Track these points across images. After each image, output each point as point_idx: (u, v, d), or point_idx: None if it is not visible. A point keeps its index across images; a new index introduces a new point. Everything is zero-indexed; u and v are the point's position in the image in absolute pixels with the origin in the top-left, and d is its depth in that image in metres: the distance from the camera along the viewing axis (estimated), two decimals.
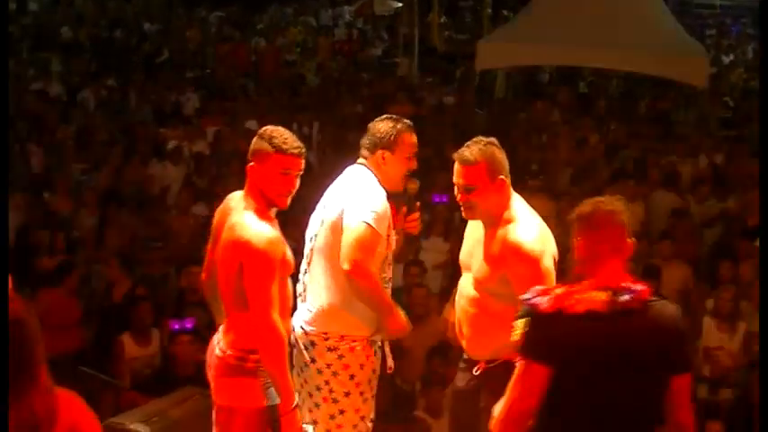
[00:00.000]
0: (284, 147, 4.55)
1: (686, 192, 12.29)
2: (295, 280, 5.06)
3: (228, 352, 4.61)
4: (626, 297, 3.79)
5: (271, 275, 4.43)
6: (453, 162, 5.05)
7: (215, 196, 11.36)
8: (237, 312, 4.57)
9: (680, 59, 16.00)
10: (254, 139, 4.65)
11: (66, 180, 12.05)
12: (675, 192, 12.18)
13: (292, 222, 6.29)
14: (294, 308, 5.06)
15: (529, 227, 4.77)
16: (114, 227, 10.73)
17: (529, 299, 3.87)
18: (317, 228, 5.15)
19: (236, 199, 4.71)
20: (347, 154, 12.86)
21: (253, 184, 4.59)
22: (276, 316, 4.44)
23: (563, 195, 11.77)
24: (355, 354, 5.07)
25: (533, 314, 3.82)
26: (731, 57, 23.73)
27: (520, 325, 3.90)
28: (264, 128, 4.69)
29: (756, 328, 9.04)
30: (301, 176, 4.66)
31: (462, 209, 4.91)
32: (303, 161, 4.62)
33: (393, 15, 24.20)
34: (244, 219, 4.51)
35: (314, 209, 5.29)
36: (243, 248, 4.44)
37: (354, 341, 5.06)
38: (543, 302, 3.82)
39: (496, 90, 19.12)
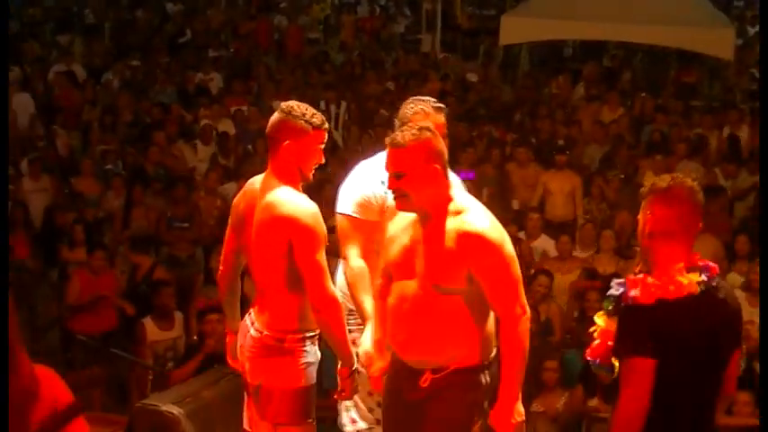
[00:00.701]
0: (317, 122, 4.57)
1: (714, 164, 12.21)
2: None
3: (266, 332, 4.60)
4: (707, 274, 3.78)
5: (321, 247, 4.46)
6: (479, 138, 4.97)
7: (241, 176, 11.41)
8: (276, 292, 4.57)
9: (706, 31, 15.88)
10: (280, 117, 4.58)
11: (91, 162, 12.08)
12: (702, 164, 12.12)
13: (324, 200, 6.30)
14: None
15: (482, 214, 4.36)
16: (140, 208, 10.76)
17: (621, 293, 3.76)
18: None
19: (259, 182, 4.68)
20: (374, 132, 13.01)
21: (288, 162, 4.55)
22: (331, 285, 4.50)
23: (592, 171, 11.73)
24: None
25: (633, 308, 3.71)
26: (756, 28, 23.51)
27: (602, 323, 3.88)
28: (287, 104, 4.65)
29: None
30: (329, 155, 4.73)
31: (394, 198, 4.42)
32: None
33: None
34: (283, 196, 4.51)
35: (340, 186, 5.21)
36: (291, 225, 4.45)
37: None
38: (639, 294, 3.70)
39: (521, 65, 19.04)
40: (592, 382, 7.68)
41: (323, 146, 4.65)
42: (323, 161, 4.69)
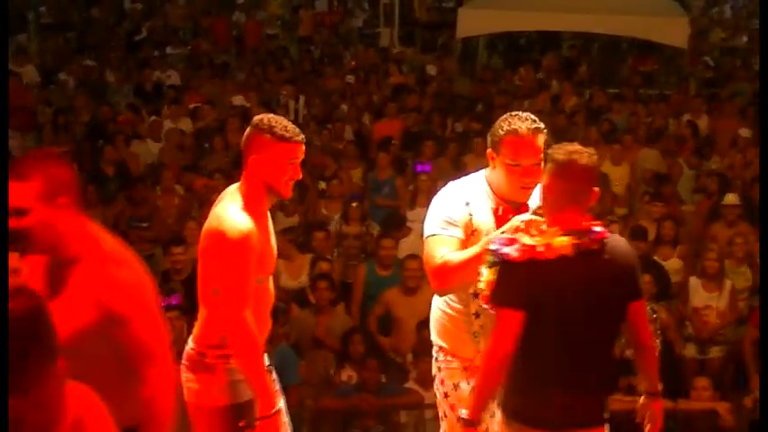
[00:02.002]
0: (287, 135, 4.31)
1: (672, 152, 12.30)
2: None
3: (192, 346, 4.43)
4: (587, 239, 3.99)
5: (243, 270, 4.19)
6: (440, 131, 4.93)
7: (199, 174, 11.39)
8: (204, 306, 4.40)
9: (660, 21, 16.01)
10: (250, 131, 4.36)
11: None
12: (661, 151, 12.21)
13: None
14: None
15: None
16: (96, 208, 10.70)
17: (497, 249, 3.99)
18: None
19: (228, 191, 4.48)
20: (334, 127, 13.03)
21: (253, 176, 4.35)
22: (248, 314, 4.20)
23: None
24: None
25: (506, 264, 3.97)
26: (709, 16, 23.74)
27: (485, 274, 4.06)
28: (259, 117, 4.42)
29: (740, 286, 9.15)
30: None
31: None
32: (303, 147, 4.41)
33: None
34: (224, 210, 4.30)
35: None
36: (217, 240, 4.22)
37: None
38: (513, 252, 3.95)
39: (479, 57, 19.11)
40: None
41: (298, 160, 4.38)
42: (299, 176, 4.41)
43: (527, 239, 3.98)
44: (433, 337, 4.75)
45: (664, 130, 13.19)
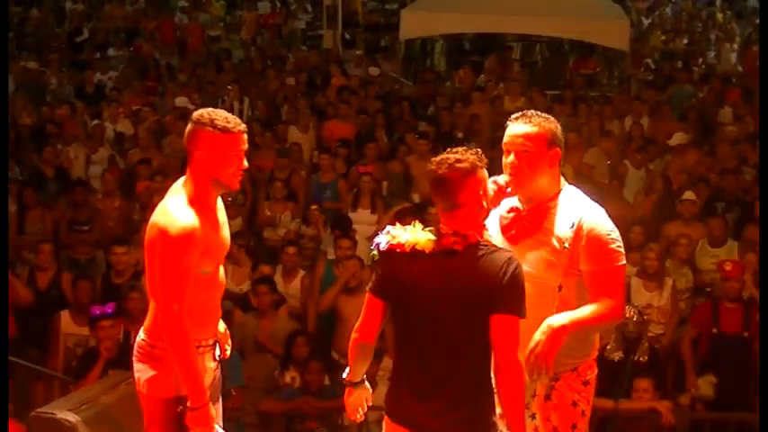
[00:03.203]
0: (229, 126, 4.35)
1: (619, 154, 12.36)
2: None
3: (143, 337, 4.46)
4: (450, 240, 4.03)
5: (178, 265, 4.23)
6: (383, 133, 4.94)
7: (139, 176, 11.30)
8: (152, 297, 4.41)
9: (602, 23, 16.17)
10: (192, 126, 4.39)
11: None
12: (605, 152, 12.30)
13: None
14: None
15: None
16: (35, 212, 10.59)
17: (377, 239, 4.18)
18: None
19: (176, 185, 4.49)
20: (278, 129, 12.99)
21: (198, 172, 4.38)
22: (177, 308, 4.22)
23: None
24: None
25: (379, 252, 4.15)
26: (650, 19, 23.98)
27: (370, 260, 4.29)
28: (198, 113, 4.44)
29: (681, 286, 9.24)
30: None
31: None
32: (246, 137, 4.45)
33: None
34: (166, 205, 4.35)
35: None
36: (157, 234, 4.27)
37: None
38: (383, 242, 4.12)
39: (423, 59, 19.17)
40: None
41: (242, 150, 4.41)
42: (245, 166, 4.44)
43: (398, 232, 4.11)
44: None
45: (608, 132, 13.28)
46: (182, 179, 4.47)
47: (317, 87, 16.32)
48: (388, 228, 4.18)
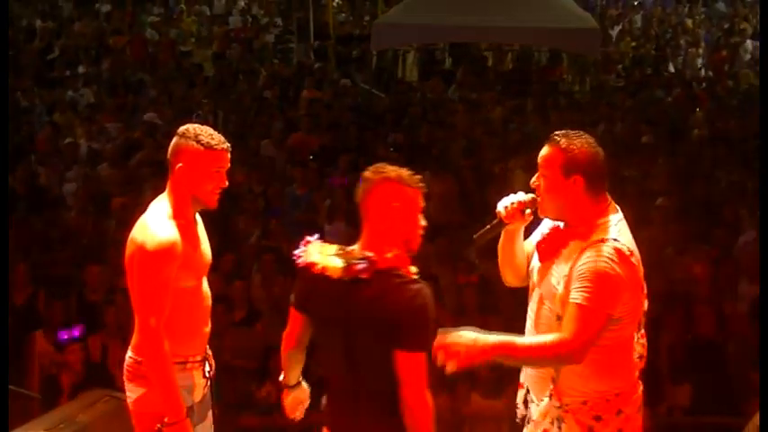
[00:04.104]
0: (213, 142, 4.37)
1: None
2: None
3: (130, 355, 4.49)
4: (360, 266, 3.95)
5: (156, 279, 4.25)
6: (356, 144, 4.92)
7: (114, 193, 11.28)
8: (136, 313, 4.42)
9: (573, 31, 16.22)
10: (176, 140, 4.42)
11: None
12: None
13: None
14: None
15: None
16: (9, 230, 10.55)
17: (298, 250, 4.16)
18: None
19: (153, 202, 4.52)
20: (251, 143, 12.97)
21: (178, 186, 4.41)
22: (154, 322, 4.24)
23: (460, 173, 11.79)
24: None
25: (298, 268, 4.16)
26: (620, 26, 24.11)
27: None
28: (184, 127, 4.47)
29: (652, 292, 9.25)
30: None
31: None
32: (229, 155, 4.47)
33: (287, 0, 24.10)
34: (145, 219, 4.37)
35: None
36: (135, 249, 4.31)
37: None
38: (300, 256, 4.13)
39: (395, 70, 19.20)
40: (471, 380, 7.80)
41: (224, 169, 4.44)
42: (225, 184, 4.46)
43: (313, 250, 4.10)
44: None
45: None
46: (161, 195, 4.48)
47: (289, 100, 16.32)
48: (309, 241, 4.16)
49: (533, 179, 4.21)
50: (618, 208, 4.21)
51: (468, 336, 3.94)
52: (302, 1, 20.63)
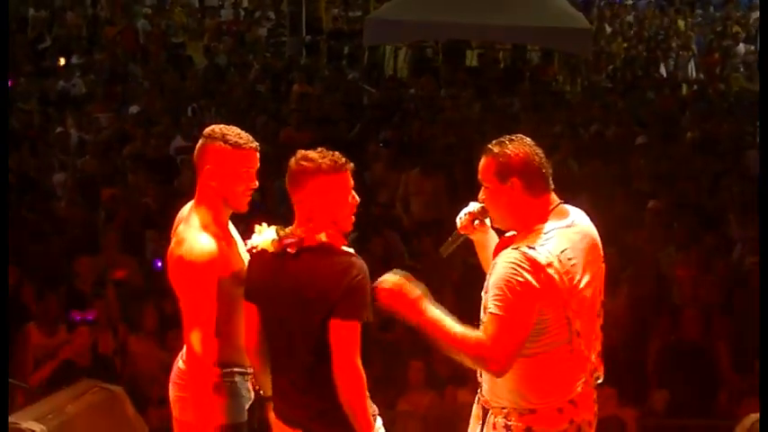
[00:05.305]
0: (241, 142, 4.28)
1: (585, 159, 12.42)
2: None
3: (181, 366, 4.38)
4: (285, 240, 4.05)
5: (203, 295, 4.18)
6: (346, 140, 4.87)
7: (107, 184, 11.26)
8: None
9: (565, 31, 16.26)
10: (202, 141, 4.32)
11: None
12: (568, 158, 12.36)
13: None
14: None
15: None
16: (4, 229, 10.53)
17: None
18: None
19: (186, 209, 4.41)
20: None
21: (208, 190, 4.31)
22: (198, 336, 4.19)
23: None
24: None
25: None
26: (612, 27, 24.18)
27: None
28: (210, 128, 4.34)
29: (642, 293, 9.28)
30: None
31: None
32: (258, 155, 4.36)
33: None
34: (187, 234, 4.25)
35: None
36: (182, 265, 4.20)
37: None
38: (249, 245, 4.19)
39: (386, 66, 19.21)
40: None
41: (253, 169, 4.33)
42: (255, 185, 4.36)
43: (256, 232, 4.16)
44: None
45: (571, 137, 13.35)
46: (190, 203, 4.41)
47: (281, 94, 16.31)
48: (257, 227, 4.20)
49: (480, 195, 4.15)
50: (568, 212, 4.09)
51: (396, 278, 4.01)
52: None
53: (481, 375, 4.16)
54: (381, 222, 10.53)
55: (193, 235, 4.24)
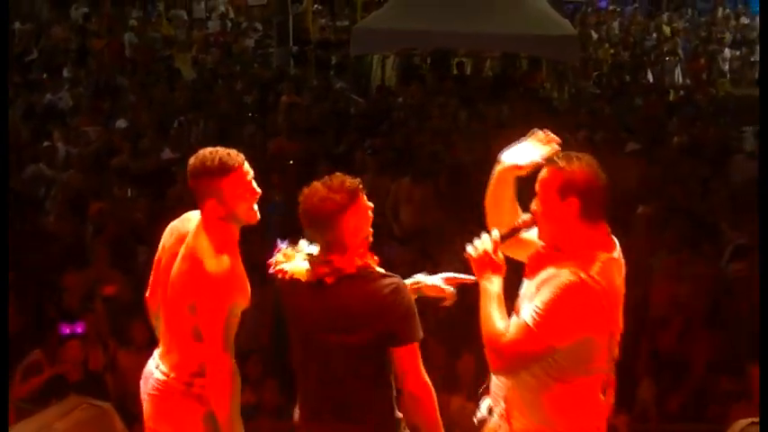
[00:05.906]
0: (230, 163, 4.25)
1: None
2: None
3: (173, 375, 4.38)
4: (323, 269, 4.02)
5: (224, 313, 4.20)
6: (335, 150, 4.86)
7: (95, 198, 11.23)
8: (184, 336, 4.34)
9: (552, 38, 16.28)
10: (192, 181, 4.29)
11: None
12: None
13: None
14: None
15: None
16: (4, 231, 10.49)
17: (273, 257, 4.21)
18: None
19: (193, 222, 4.41)
20: (231, 147, 12.91)
21: (214, 217, 4.29)
22: (227, 353, 4.24)
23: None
24: None
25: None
26: (599, 33, 24.22)
27: None
28: (191, 163, 4.28)
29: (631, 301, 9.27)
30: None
31: None
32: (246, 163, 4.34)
33: (266, 5, 24.07)
34: (200, 249, 4.27)
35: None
36: (199, 284, 4.21)
37: None
38: (271, 263, 4.18)
39: (373, 75, 19.20)
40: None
41: (249, 180, 4.33)
42: (258, 193, 4.36)
43: (281, 258, 4.16)
44: None
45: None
46: (185, 216, 4.46)
47: (268, 105, 16.29)
48: (281, 248, 4.19)
49: (532, 204, 4.04)
50: (616, 242, 4.06)
51: (489, 243, 4.00)
52: (282, 6, 20.57)
53: (502, 390, 4.13)
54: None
55: (212, 256, 4.23)
